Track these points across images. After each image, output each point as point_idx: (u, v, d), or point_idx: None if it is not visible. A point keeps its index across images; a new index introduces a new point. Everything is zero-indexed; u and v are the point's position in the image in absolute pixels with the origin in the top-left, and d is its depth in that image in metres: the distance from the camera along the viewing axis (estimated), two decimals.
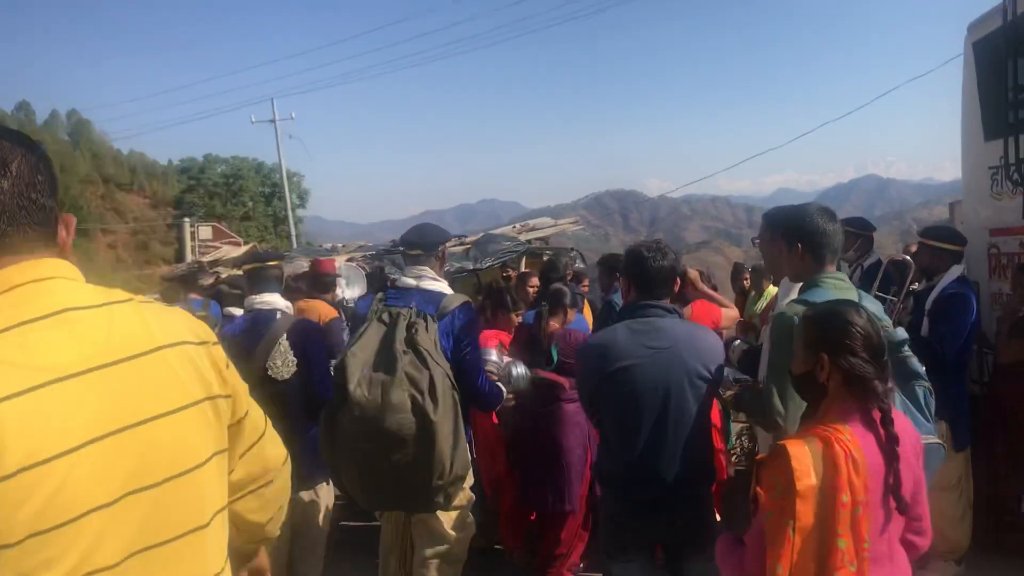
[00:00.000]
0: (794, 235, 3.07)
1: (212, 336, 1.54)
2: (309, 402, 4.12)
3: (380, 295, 3.99)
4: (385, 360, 3.63)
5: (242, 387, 1.59)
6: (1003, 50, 5.79)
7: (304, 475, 3.97)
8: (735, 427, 7.04)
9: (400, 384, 3.54)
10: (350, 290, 7.95)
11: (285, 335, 4.13)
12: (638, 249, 3.37)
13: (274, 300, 4.42)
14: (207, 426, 1.42)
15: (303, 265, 10.61)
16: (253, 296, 4.46)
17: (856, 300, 2.76)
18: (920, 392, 2.81)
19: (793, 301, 2.96)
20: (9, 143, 1.40)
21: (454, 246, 11.43)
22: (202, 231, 25.36)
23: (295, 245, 28.39)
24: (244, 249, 14.70)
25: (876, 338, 2.29)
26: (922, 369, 2.84)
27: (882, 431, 2.20)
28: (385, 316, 3.78)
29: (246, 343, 4.11)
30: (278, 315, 4.34)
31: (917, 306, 5.49)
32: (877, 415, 2.23)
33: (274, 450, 1.72)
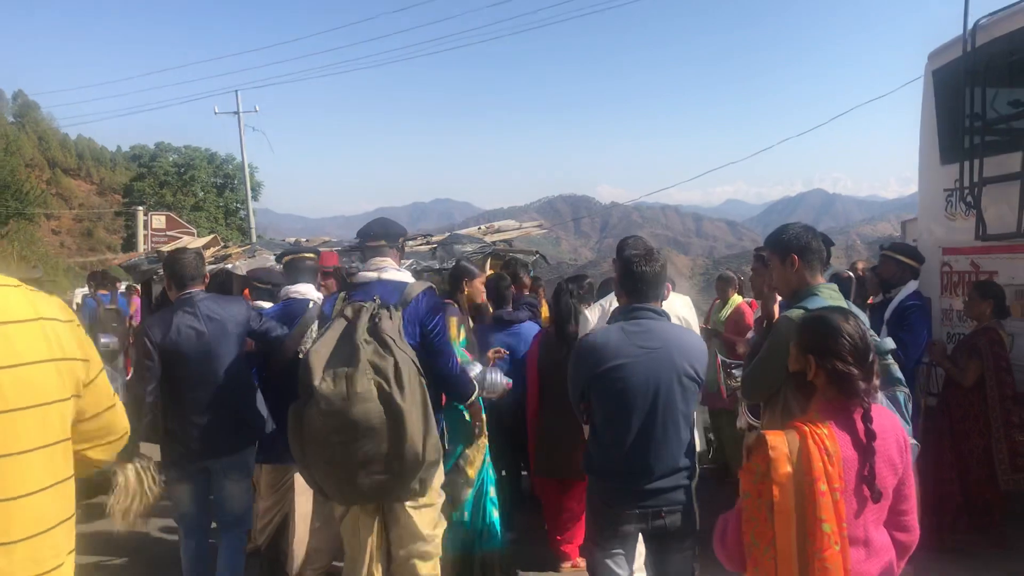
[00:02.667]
0: (789, 249, 3.32)
1: (75, 317, 1.94)
2: None
3: (343, 293, 4.01)
4: (347, 352, 3.62)
5: (96, 358, 1.97)
6: (962, 79, 6.10)
7: None
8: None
9: (364, 373, 3.54)
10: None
11: (316, 322, 4.37)
12: (629, 255, 3.51)
13: (308, 291, 4.90)
14: (59, 376, 1.82)
15: (268, 258, 10.63)
16: (289, 286, 4.91)
17: (846, 307, 3.01)
18: (901, 396, 3.12)
19: (794, 307, 3.20)
20: None
21: (419, 244, 11.53)
22: (155, 220, 24.89)
23: (254, 239, 28.14)
24: (206, 240, 14.58)
25: (861, 342, 2.50)
26: (902, 376, 3.11)
27: (861, 427, 2.42)
28: (348, 311, 3.77)
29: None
30: (310, 304, 4.72)
31: (874, 317, 5.77)
32: (859, 412, 2.44)
33: (121, 420, 2.09)
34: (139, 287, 14.44)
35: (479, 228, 11.96)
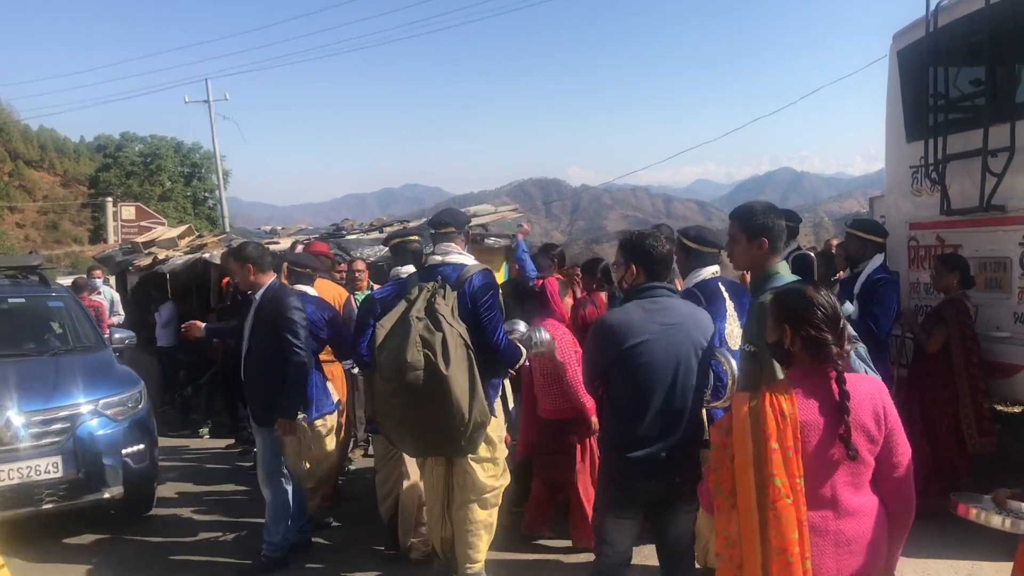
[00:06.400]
0: (760, 233, 3.48)
1: None
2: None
3: (415, 277, 4.73)
4: (404, 328, 4.32)
5: None
6: (925, 59, 6.30)
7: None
8: None
9: (414, 345, 4.22)
10: None
11: (406, 297, 4.70)
12: (642, 237, 3.75)
13: (412, 271, 5.40)
14: None
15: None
16: (397, 267, 5.55)
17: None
18: (861, 349, 3.42)
19: (764, 292, 3.38)
20: None
21: (398, 231, 11.62)
22: (125, 211, 24.62)
23: (227, 227, 27.98)
24: (180, 229, 14.55)
25: (831, 310, 2.68)
26: (855, 333, 3.37)
27: (836, 388, 2.59)
28: (414, 292, 4.44)
29: (390, 305, 4.93)
30: None
31: (844, 291, 5.96)
32: (833, 375, 2.61)
33: None
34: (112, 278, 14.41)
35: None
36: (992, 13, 5.65)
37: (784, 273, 3.48)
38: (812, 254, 7.12)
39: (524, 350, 4.79)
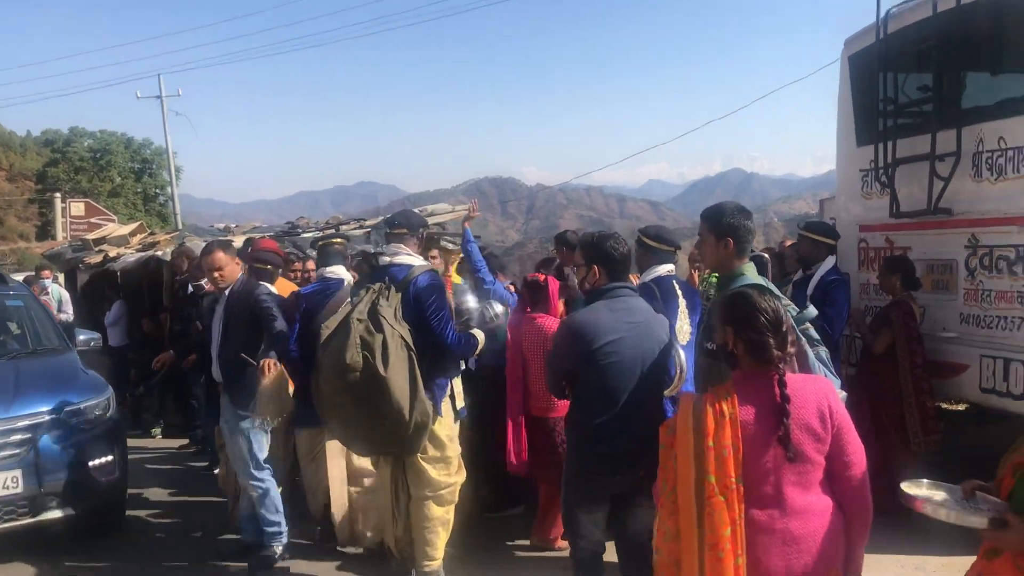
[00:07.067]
0: (726, 233, 3.53)
1: None
2: None
3: (359, 279, 4.82)
4: (343, 330, 4.36)
5: None
6: (876, 65, 6.43)
7: None
8: None
9: (353, 347, 4.26)
10: None
11: (350, 299, 4.73)
12: (603, 239, 3.87)
13: (340, 271, 5.67)
14: None
15: (199, 244, 10.53)
16: (323, 268, 5.67)
17: (763, 284, 3.33)
18: (823, 354, 3.42)
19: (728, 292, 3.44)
20: None
21: (353, 229, 11.55)
22: (74, 207, 24.08)
23: (179, 225, 27.57)
24: (132, 226, 14.29)
25: (774, 315, 2.73)
26: (819, 338, 3.45)
27: (778, 391, 2.64)
28: (361, 293, 4.50)
29: (315, 302, 5.35)
30: (345, 283, 5.43)
31: (797, 292, 6.06)
32: (775, 377, 2.66)
33: None
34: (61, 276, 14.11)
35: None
36: (940, 21, 5.80)
37: (750, 274, 3.52)
38: (766, 256, 7.23)
39: (480, 335, 4.87)
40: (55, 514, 5.50)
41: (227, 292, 5.34)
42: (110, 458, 5.81)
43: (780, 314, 2.75)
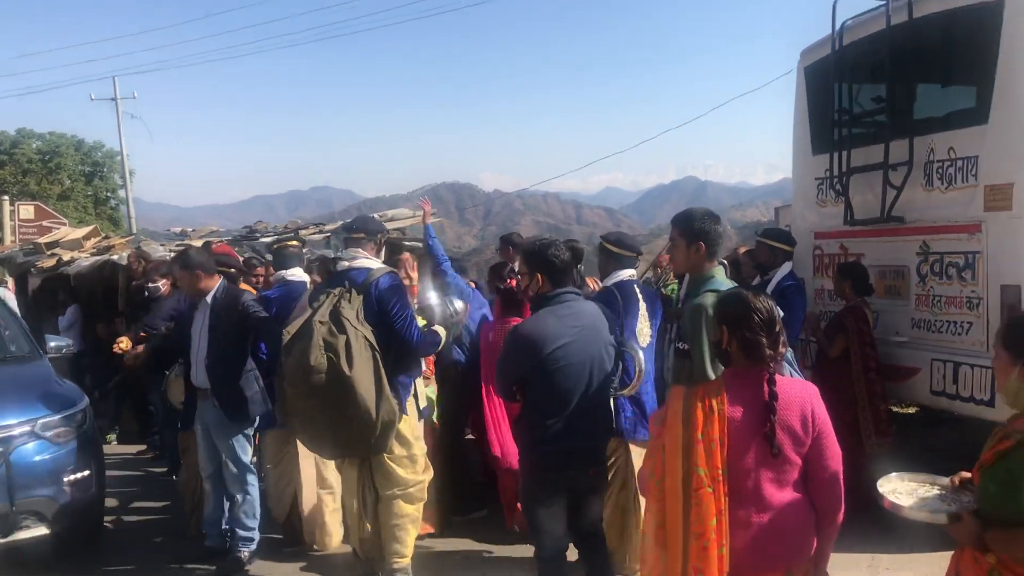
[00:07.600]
0: (698, 237, 3.64)
1: None
2: None
3: (318, 285, 4.81)
4: (306, 332, 4.38)
5: None
6: (831, 76, 6.59)
7: None
8: None
9: (316, 349, 4.29)
10: None
11: (309, 304, 4.73)
12: (544, 247, 3.91)
13: (300, 273, 5.77)
14: None
15: (158, 249, 10.42)
16: (283, 271, 5.71)
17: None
18: (788, 354, 3.67)
19: (703, 292, 3.56)
20: None
21: (313, 233, 11.50)
22: (23, 210, 23.52)
23: (134, 229, 27.11)
24: (86, 230, 14.05)
25: (768, 314, 2.84)
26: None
27: (767, 389, 2.73)
28: (321, 297, 4.52)
29: (282, 305, 5.33)
30: (308, 285, 5.49)
31: None
32: (765, 375, 2.76)
33: None
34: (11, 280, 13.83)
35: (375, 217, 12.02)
36: (893, 34, 5.96)
37: (720, 277, 3.65)
38: (726, 262, 7.33)
39: (442, 331, 4.96)
40: (29, 533, 5.15)
41: (209, 300, 5.31)
42: (87, 473, 5.43)
43: (774, 314, 2.86)
